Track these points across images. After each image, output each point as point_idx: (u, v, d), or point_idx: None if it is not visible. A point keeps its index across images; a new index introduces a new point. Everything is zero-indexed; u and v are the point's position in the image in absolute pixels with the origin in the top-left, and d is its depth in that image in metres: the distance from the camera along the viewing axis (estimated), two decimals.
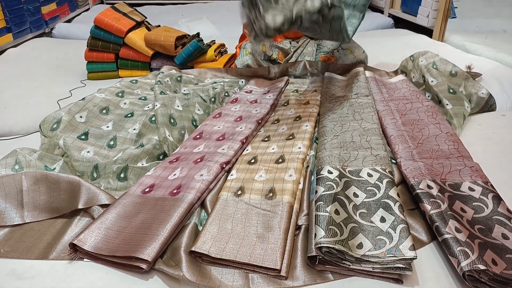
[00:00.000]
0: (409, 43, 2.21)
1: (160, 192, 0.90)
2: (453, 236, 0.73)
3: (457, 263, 0.69)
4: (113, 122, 1.21)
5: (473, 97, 1.37)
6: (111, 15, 1.76)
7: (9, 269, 0.75)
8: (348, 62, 1.72)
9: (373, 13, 3.27)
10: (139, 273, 0.73)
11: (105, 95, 1.32)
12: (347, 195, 0.85)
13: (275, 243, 0.75)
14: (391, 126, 1.15)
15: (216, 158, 1.02)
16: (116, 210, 0.84)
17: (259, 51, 1.70)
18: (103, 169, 1.02)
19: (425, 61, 1.53)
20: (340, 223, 0.76)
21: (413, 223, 0.85)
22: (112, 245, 0.75)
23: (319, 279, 0.72)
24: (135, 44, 1.73)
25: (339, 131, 1.14)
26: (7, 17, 2.30)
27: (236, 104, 1.41)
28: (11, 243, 0.81)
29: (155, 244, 0.73)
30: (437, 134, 1.10)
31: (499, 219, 0.79)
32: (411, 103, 1.30)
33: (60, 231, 0.85)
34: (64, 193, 0.90)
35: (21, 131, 1.32)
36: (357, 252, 0.71)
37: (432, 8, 2.51)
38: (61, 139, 1.07)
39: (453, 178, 0.92)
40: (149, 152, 1.08)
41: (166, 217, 0.80)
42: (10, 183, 0.89)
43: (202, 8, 3.48)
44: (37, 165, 0.99)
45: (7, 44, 2.30)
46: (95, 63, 1.78)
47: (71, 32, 2.75)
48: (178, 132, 1.19)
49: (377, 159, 0.98)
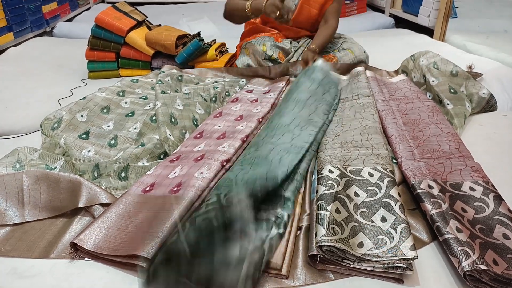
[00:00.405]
0: (410, 43, 2.21)
1: (161, 191, 0.90)
2: (454, 236, 0.73)
3: (458, 263, 0.69)
4: (114, 121, 1.21)
5: (474, 97, 1.37)
6: (112, 14, 1.76)
7: (10, 268, 0.75)
8: (348, 62, 1.72)
9: (374, 13, 3.27)
10: None
11: (106, 94, 1.32)
12: (348, 194, 0.85)
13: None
14: (392, 126, 1.15)
15: (217, 156, 1.02)
16: (116, 209, 0.84)
17: (259, 51, 1.70)
18: (104, 168, 1.02)
19: (426, 61, 1.53)
20: (341, 221, 0.76)
21: (414, 223, 0.85)
22: (113, 244, 0.75)
23: (320, 279, 0.72)
24: (136, 43, 1.73)
25: (340, 131, 1.14)
26: (8, 16, 2.30)
27: (236, 103, 1.41)
28: (12, 242, 0.81)
29: (155, 242, 0.73)
30: (438, 134, 1.10)
31: (500, 219, 0.79)
32: (412, 103, 1.30)
33: (61, 230, 0.85)
34: (65, 192, 0.90)
35: (22, 130, 1.32)
36: (358, 251, 0.71)
37: (433, 8, 2.51)
38: (62, 138, 1.07)
39: (454, 178, 0.91)
40: (150, 151, 1.08)
41: (166, 215, 0.80)
42: (11, 182, 0.90)
43: (203, 8, 3.47)
44: (38, 164, 0.99)
45: (8, 43, 2.30)
46: (96, 62, 1.78)
47: (72, 31, 2.75)
48: (179, 131, 1.19)
49: (378, 158, 0.98)
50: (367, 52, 1.77)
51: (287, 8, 1.48)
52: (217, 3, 3.73)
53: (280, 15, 1.47)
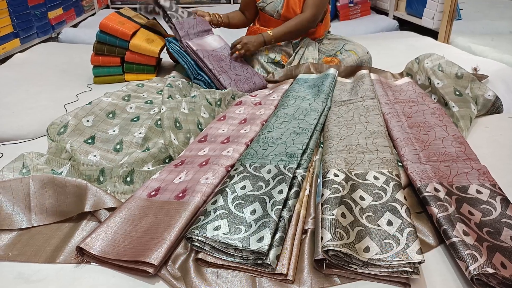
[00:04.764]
0: (414, 45, 2.20)
1: (166, 196, 0.90)
2: (461, 239, 0.72)
3: (465, 266, 0.68)
4: (119, 126, 1.22)
5: (480, 99, 1.37)
6: (116, 20, 1.78)
7: (17, 272, 0.75)
8: (352, 63, 1.72)
9: (378, 16, 3.27)
10: (145, 277, 0.73)
11: (111, 99, 1.32)
12: (354, 198, 0.85)
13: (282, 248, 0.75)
14: (397, 129, 1.15)
15: (222, 161, 1.02)
16: (122, 214, 0.84)
17: (262, 54, 1.72)
18: (109, 173, 1.02)
19: (431, 63, 1.53)
20: (346, 226, 0.76)
21: (420, 227, 0.84)
22: (119, 249, 0.76)
23: (326, 283, 0.72)
24: (139, 48, 1.74)
25: (345, 134, 1.14)
26: (14, 22, 2.33)
27: (240, 106, 1.41)
28: (19, 247, 0.82)
29: (161, 248, 0.73)
30: (443, 136, 1.10)
31: (507, 222, 0.78)
32: (417, 106, 1.30)
33: (67, 234, 0.85)
34: (71, 196, 0.91)
35: (28, 135, 1.33)
36: (364, 255, 0.71)
37: (437, 10, 2.51)
38: (68, 143, 1.08)
39: (460, 181, 0.91)
40: (155, 156, 1.08)
41: (172, 221, 0.80)
42: (18, 187, 0.90)
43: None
44: (44, 169, 1.00)
45: (14, 49, 2.33)
46: (101, 67, 1.79)
47: (77, 36, 2.78)
48: (183, 135, 1.19)
49: (383, 162, 0.97)
50: (370, 53, 1.77)
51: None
52: (220, 6, 3.75)
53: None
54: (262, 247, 0.71)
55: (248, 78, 1.64)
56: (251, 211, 0.82)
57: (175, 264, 0.75)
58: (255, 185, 0.90)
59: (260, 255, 0.72)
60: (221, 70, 1.60)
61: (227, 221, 0.79)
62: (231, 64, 1.67)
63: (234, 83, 1.59)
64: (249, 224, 0.78)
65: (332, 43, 1.83)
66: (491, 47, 2.11)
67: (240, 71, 1.66)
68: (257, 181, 0.91)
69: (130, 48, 1.75)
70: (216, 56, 1.65)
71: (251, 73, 1.67)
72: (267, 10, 1.77)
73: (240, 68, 1.67)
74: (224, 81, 1.56)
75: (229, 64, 1.66)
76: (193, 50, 1.60)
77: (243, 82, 1.62)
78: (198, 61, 1.60)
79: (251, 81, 1.64)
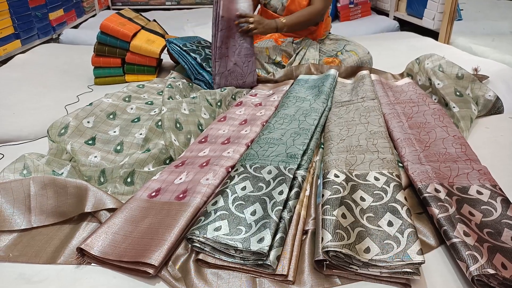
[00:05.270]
0: (414, 46, 2.20)
1: (166, 197, 0.90)
2: (462, 240, 0.72)
3: (466, 267, 0.68)
4: (120, 127, 1.22)
5: (480, 99, 1.37)
6: (116, 21, 1.78)
7: (17, 273, 0.76)
8: (353, 63, 1.72)
9: (378, 16, 3.27)
10: (146, 278, 0.74)
11: (112, 100, 1.33)
12: (354, 199, 0.85)
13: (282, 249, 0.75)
14: (398, 129, 1.15)
15: (222, 162, 1.02)
16: (123, 215, 0.85)
17: (263, 54, 1.71)
18: (110, 174, 1.03)
19: (431, 64, 1.53)
20: (347, 227, 0.76)
21: (421, 227, 0.84)
22: (119, 250, 0.76)
23: (326, 284, 0.72)
24: (140, 49, 1.75)
25: (345, 135, 1.14)
26: (15, 23, 2.33)
27: (240, 107, 1.41)
28: (20, 248, 0.82)
29: (162, 249, 0.73)
30: (444, 137, 1.10)
31: (508, 223, 0.78)
32: (417, 106, 1.30)
33: (68, 235, 0.85)
34: (72, 197, 0.91)
35: (29, 136, 1.34)
36: (365, 256, 0.71)
37: (438, 10, 2.50)
38: (68, 144, 1.08)
39: (460, 182, 0.91)
40: (156, 157, 1.09)
41: (172, 222, 0.80)
42: (18, 188, 0.90)
43: (207, 13, 3.49)
44: (45, 170, 1.00)
45: (15, 50, 2.33)
46: (102, 68, 1.79)
47: (78, 38, 2.78)
48: (184, 136, 1.19)
49: (384, 162, 0.97)
50: (371, 54, 1.77)
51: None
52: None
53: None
54: (263, 248, 0.71)
55: (242, 74, 1.61)
56: (251, 212, 0.82)
57: (175, 265, 0.75)
58: (256, 186, 0.90)
59: (260, 255, 0.72)
60: (225, 52, 1.55)
61: (227, 222, 0.79)
62: (239, 47, 1.58)
63: (227, 73, 1.57)
64: (249, 225, 0.78)
65: (333, 44, 1.83)
66: (492, 48, 2.10)
67: (241, 60, 1.59)
68: (257, 182, 0.91)
69: (131, 49, 1.75)
70: (232, 30, 1.56)
71: (249, 69, 1.62)
72: (272, 4, 1.77)
73: (244, 57, 1.60)
74: (217, 68, 1.54)
75: (237, 45, 1.58)
76: (219, 14, 1.55)
77: (234, 77, 1.59)
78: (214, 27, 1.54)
79: (242, 78, 1.62)
